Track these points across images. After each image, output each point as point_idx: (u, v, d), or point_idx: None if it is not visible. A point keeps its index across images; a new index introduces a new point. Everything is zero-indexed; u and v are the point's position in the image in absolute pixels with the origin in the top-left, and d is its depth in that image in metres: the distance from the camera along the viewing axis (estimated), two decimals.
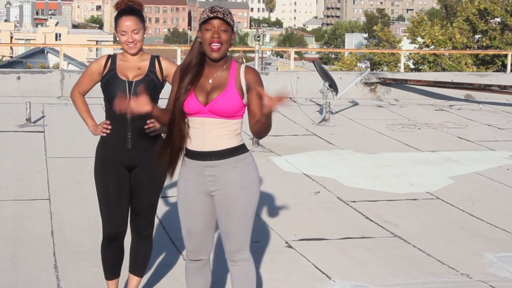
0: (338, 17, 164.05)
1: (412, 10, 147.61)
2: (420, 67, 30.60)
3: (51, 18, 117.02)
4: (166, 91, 4.23)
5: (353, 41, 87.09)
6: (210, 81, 3.93)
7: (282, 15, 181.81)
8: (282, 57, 69.59)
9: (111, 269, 4.73)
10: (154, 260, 5.67)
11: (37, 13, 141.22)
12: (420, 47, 31.75)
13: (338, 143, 10.61)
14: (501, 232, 6.82)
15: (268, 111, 3.69)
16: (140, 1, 4.63)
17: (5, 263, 5.62)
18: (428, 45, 31.11)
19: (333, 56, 74.38)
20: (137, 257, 4.78)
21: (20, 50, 60.90)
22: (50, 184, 7.94)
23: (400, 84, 15.21)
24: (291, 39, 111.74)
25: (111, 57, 4.60)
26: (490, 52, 28.84)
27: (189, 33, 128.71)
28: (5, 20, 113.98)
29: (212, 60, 3.91)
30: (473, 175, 8.98)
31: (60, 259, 5.73)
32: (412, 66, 31.19)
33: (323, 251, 6.14)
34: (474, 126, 12.30)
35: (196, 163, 3.97)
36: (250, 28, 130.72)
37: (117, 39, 4.56)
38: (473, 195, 8.08)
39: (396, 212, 7.37)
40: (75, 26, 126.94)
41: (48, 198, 7.43)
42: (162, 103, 4.14)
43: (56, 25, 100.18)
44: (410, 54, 30.51)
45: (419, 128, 11.98)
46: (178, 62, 12.28)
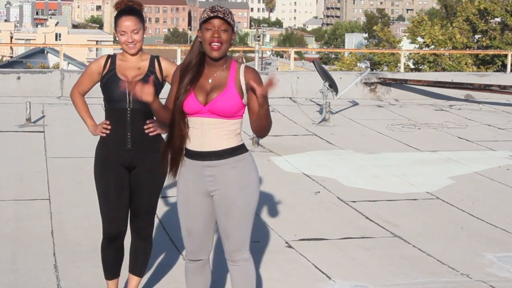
0: (338, 17, 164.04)
1: (412, 10, 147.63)
2: (420, 67, 30.61)
3: (51, 18, 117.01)
4: (166, 91, 4.23)
5: (353, 41, 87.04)
6: (210, 81, 3.93)
7: (282, 15, 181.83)
8: (282, 57, 69.61)
9: (111, 269, 4.74)
10: (154, 260, 5.67)
11: (37, 13, 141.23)
12: (420, 47, 31.76)
13: (338, 143, 10.61)
14: (501, 232, 6.82)
15: (263, 99, 3.74)
16: (140, 1, 4.63)
17: (5, 263, 5.62)
18: (428, 45, 31.12)
19: (333, 56, 74.36)
20: (137, 257, 4.78)
21: (20, 50, 60.92)
22: (50, 184, 7.94)
23: (400, 84, 15.20)
24: (291, 39, 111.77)
25: (111, 57, 4.60)
26: (490, 52, 28.84)
27: (189, 33, 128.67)
28: (5, 20, 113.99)
29: (212, 59, 3.91)
30: (473, 175, 8.98)
31: (60, 259, 5.73)
32: (412, 66, 31.20)
33: (323, 251, 6.14)
34: (474, 126, 12.30)
35: (196, 163, 3.97)
36: (250, 28, 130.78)
37: (117, 39, 4.56)
38: (473, 195, 8.08)
39: (396, 212, 7.37)
40: (75, 26, 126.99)
41: (48, 198, 7.43)
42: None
43: (56, 25, 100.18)
44: (410, 54, 30.52)
45: (419, 128, 11.98)
46: (178, 62, 12.28)
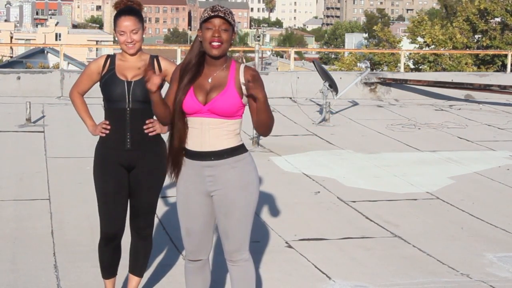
0: (338, 17, 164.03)
1: (412, 10, 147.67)
2: (420, 67, 30.60)
3: (51, 18, 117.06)
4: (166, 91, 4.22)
5: (353, 41, 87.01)
6: (210, 81, 3.93)
7: (282, 15, 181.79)
8: (282, 57, 69.64)
9: (108, 269, 4.74)
10: (154, 260, 5.67)
11: (37, 13, 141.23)
12: (420, 47, 31.76)
13: (338, 143, 10.61)
14: (501, 232, 6.82)
15: (255, 92, 3.75)
16: (140, 1, 4.62)
17: (5, 263, 5.62)
18: (429, 45, 31.11)
19: (333, 56, 74.33)
20: (137, 257, 4.77)
21: (20, 50, 60.91)
22: (50, 184, 7.94)
23: (400, 84, 15.20)
24: (291, 39, 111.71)
25: (110, 57, 4.60)
26: (490, 52, 28.84)
27: (189, 33, 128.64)
28: (5, 20, 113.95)
29: (212, 58, 3.91)
30: (473, 175, 8.98)
31: (60, 259, 5.73)
32: (412, 66, 31.20)
33: (323, 251, 6.14)
34: (474, 126, 12.30)
35: (195, 163, 3.96)
36: (250, 28, 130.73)
37: (117, 39, 4.56)
38: (473, 195, 8.08)
39: (396, 212, 7.36)
40: (75, 26, 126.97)
41: (48, 198, 7.43)
42: None
43: (56, 25, 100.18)
44: (410, 54, 30.52)
45: (419, 128, 11.97)
46: (178, 62, 12.27)
